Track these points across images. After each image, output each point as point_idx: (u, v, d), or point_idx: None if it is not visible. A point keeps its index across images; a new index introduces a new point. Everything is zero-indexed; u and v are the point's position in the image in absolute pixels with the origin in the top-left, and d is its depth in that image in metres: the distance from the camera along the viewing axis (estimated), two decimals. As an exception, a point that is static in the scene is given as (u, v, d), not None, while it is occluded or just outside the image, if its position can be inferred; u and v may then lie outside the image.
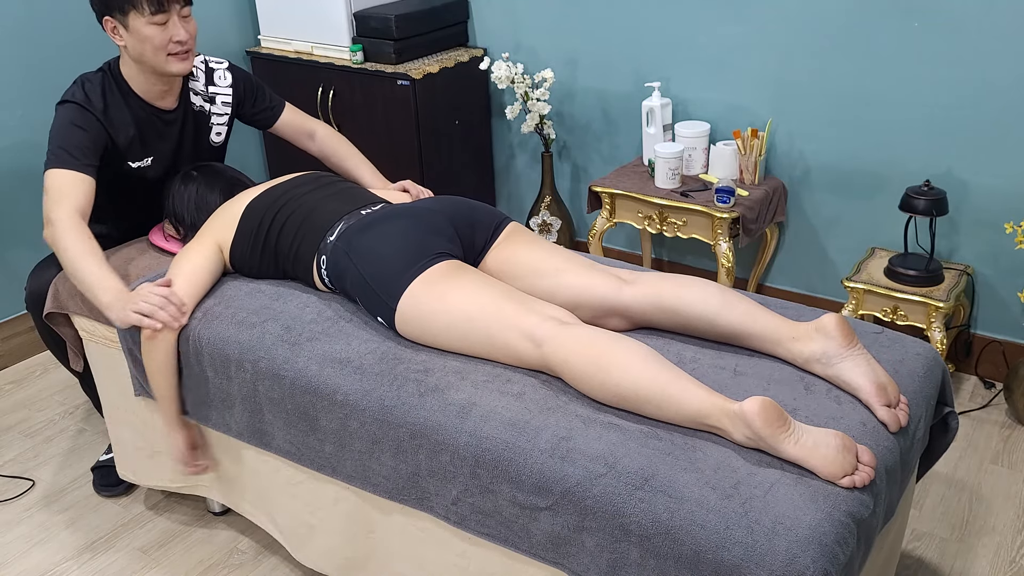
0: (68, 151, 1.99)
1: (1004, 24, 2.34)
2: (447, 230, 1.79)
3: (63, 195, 1.96)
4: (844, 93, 2.63)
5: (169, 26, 1.99)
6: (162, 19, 1.97)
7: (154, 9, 1.95)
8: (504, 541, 1.52)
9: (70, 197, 1.96)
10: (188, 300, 1.86)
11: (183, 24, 2.01)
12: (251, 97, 2.31)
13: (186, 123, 2.21)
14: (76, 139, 2.01)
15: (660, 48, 2.91)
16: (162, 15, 1.97)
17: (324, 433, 1.69)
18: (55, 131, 2.03)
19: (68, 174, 1.98)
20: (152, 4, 1.95)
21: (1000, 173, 2.48)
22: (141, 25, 1.97)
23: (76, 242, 1.91)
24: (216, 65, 2.26)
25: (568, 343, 1.54)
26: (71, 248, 1.91)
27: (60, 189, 1.97)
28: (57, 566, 2.15)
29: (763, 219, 2.72)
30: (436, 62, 3.11)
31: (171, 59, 2.02)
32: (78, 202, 1.97)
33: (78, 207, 1.96)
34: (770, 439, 1.36)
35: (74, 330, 2.16)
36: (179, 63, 2.04)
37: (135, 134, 2.11)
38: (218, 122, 2.28)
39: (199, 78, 2.22)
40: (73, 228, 1.93)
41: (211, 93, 2.24)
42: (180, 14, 2.00)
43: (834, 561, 1.26)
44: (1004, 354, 2.64)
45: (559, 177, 3.33)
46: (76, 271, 1.91)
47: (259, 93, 2.33)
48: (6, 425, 2.68)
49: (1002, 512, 2.19)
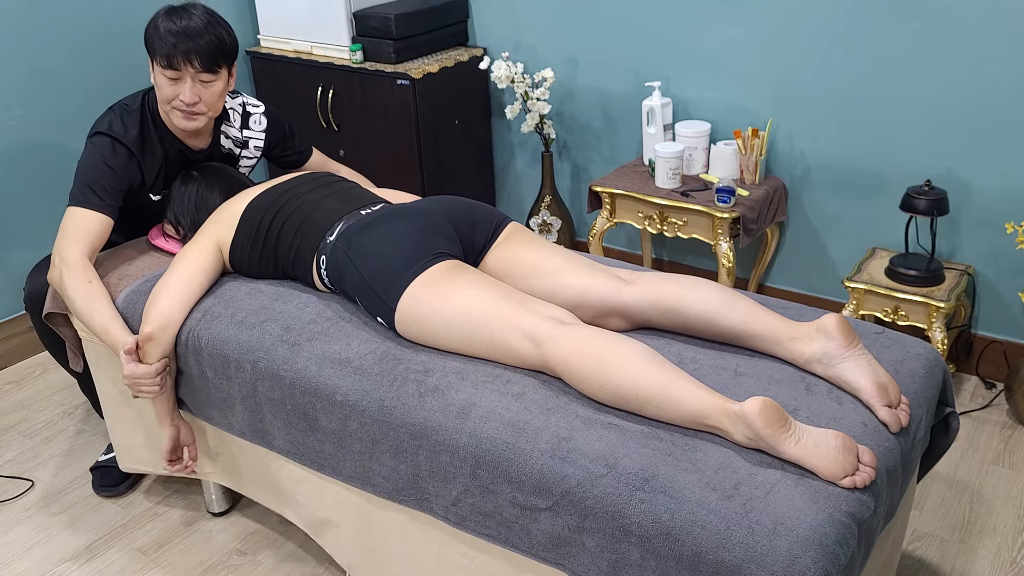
0: (94, 190, 1.98)
1: (1005, 24, 2.34)
2: (447, 230, 1.79)
3: (78, 237, 1.96)
4: (845, 93, 2.63)
5: (180, 84, 1.96)
6: (173, 75, 1.95)
7: (164, 64, 1.94)
8: (504, 542, 1.51)
9: (85, 240, 1.96)
10: (177, 311, 1.87)
11: (199, 87, 1.98)
12: (281, 142, 2.32)
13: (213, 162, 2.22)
14: (105, 178, 2.00)
15: (660, 48, 2.91)
16: (172, 71, 1.95)
17: (324, 433, 1.69)
18: (86, 164, 2.01)
19: (89, 215, 1.97)
20: (163, 59, 1.94)
21: (1001, 173, 2.47)
22: (157, 73, 1.97)
23: (82, 289, 1.92)
24: (253, 109, 2.25)
25: (568, 343, 1.53)
26: (78, 297, 1.92)
27: (77, 230, 1.96)
28: (56, 566, 2.14)
29: (764, 219, 2.71)
30: (436, 62, 3.10)
31: (175, 112, 2.01)
32: (92, 244, 1.97)
33: (90, 249, 1.97)
34: (771, 439, 1.36)
35: (73, 330, 2.16)
36: (184, 120, 2.02)
37: (162, 170, 2.11)
38: (245, 164, 2.29)
39: (234, 122, 2.21)
40: (81, 273, 1.93)
41: (245, 137, 2.24)
42: (198, 78, 1.97)
43: (835, 562, 1.26)
44: (1005, 354, 2.64)
45: (559, 177, 3.33)
46: (85, 318, 1.94)
47: (290, 139, 2.34)
48: (5, 425, 2.68)
49: (1003, 513, 2.18)
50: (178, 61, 1.93)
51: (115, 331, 1.89)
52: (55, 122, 2.94)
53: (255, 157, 2.29)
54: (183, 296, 1.88)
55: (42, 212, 2.96)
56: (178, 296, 1.87)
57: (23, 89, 2.85)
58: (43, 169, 2.94)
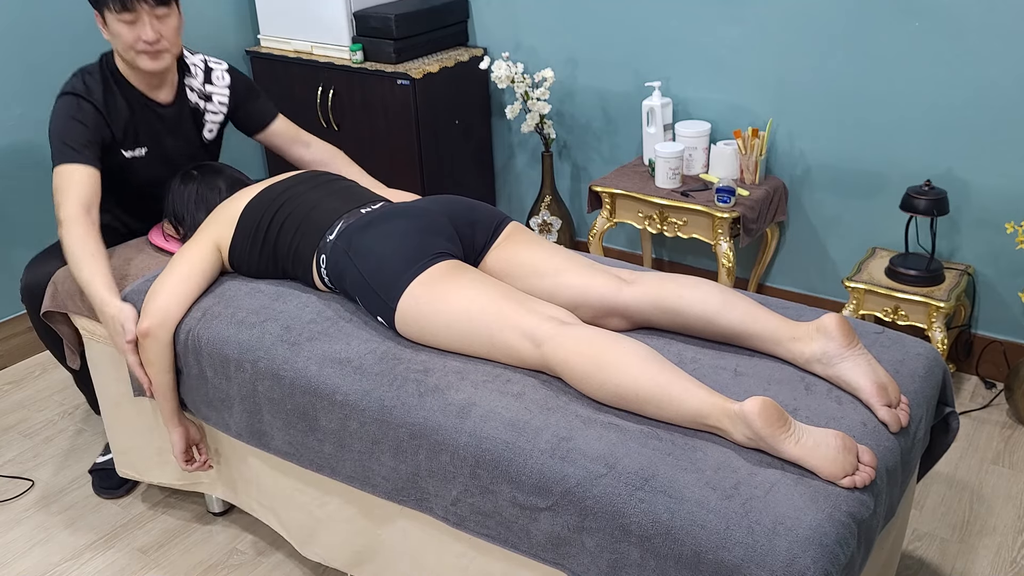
0: (70, 145, 2.00)
1: (1005, 24, 2.34)
2: (447, 229, 1.79)
3: (67, 190, 1.97)
4: (845, 93, 2.63)
5: (138, 25, 1.98)
6: (130, 18, 1.97)
7: (119, 8, 1.96)
8: (504, 542, 1.51)
9: (74, 191, 1.97)
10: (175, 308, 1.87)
11: (156, 23, 2.00)
12: (246, 101, 2.31)
13: (181, 118, 2.21)
14: (76, 132, 2.01)
15: (660, 48, 2.91)
16: (128, 14, 1.97)
17: (323, 433, 1.69)
18: (56, 125, 2.03)
19: (72, 168, 1.99)
20: (117, 3, 1.95)
21: (1001, 173, 2.47)
22: (113, 22, 1.98)
23: (78, 242, 1.93)
24: (215, 65, 2.26)
25: (568, 343, 1.53)
26: (74, 251, 1.93)
27: (64, 185, 1.98)
28: (57, 566, 2.14)
29: (764, 219, 2.71)
30: (436, 62, 3.10)
31: (141, 56, 2.03)
32: (83, 196, 1.97)
33: (83, 201, 1.97)
34: (770, 439, 1.36)
35: (72, 328, 2.16)
36: (150, 61, 2.04)
37: (130, 124, 2.12)
38: (211, 119, 2.28)
39: (197, 76, 2.22)
40: (77, 225, 1.94)
41: (208, 91, 2.24)
42: (153, 14, 1.99)
43: (835, 561, 1.26)
44: (1005, 354, 2.63)
45: (559, 177, 3.32)
46: (78, 276, 1.94)
47: (255, 98, 2.33)
48: (5, 425, 2.68)
49: (1003, 512, 2.18)
50: (132, 1, 1.95)
51: (97, 286, 1.90)
52: (55, 122, 2.94)
53: (220, 112, 2.28)
54: (181, 293, 1.88)
55: (42, 212, 2.96)
56: (176, 293, 1.87)
57: (22, 88, 2.85)
58: (43, 168, 2.93)
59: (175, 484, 2.16)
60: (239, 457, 1.96)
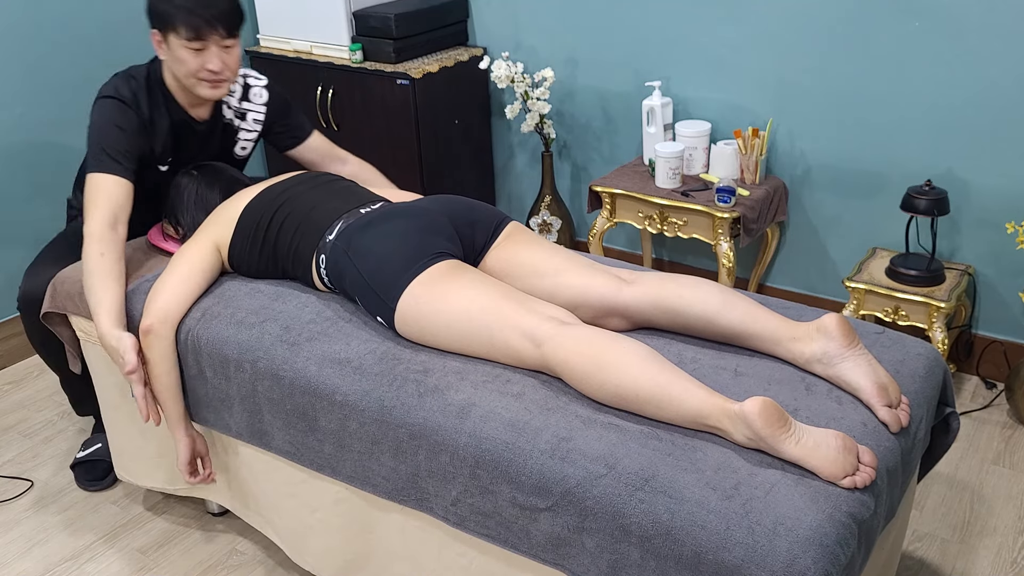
0: (109, 155, 1.96)
1: (1005, 24, 2.34)
2: (447, 229, 1.79)
3: (96, 203, 1.94)
4: (845, 93, 2.63)
5: (205, 54, 1.95)
6: (199, 46, 1.94)
7: (190, 36, 1.92)
8: (504, 542, 1.51)
9: (103, 205, 1.93)
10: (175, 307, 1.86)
11: (222, 54, 1.97)
12: (283, 118, 2.29)
13: (213, 135, 2.20)
14: (119, 142, 1.98)
15: (660, 47, 2.91)
16: (198, 42, 1.93)
17: (323, 433, 1.69)
18: (97, 129, 1.99)
19: (108, 180, 1.95)
20: (189, 31, 1.91)
21: (1001, 173, 2.47)
22: (178, 47, 1.95)
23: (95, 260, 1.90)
24: (255, 82, 2.24)
25: (568, 343, 1.53)
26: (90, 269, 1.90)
27: (97, 197, 1.94)
28: (56, 566, 2.14)
29: (764, 219, 2.71)
30: (436, 61, 3.10)
31: (202, 84, 2.00)
32: (111, 210, 1.94)
33: (110, 216, 1.93)
34: (770, 439, 1.35)
35: (71, 331, 2.15)
36: (210, 89, 2.01)
37: (168, 138, 2.10)
38: (245, 137, 2.27)
39: (235, 93, 2.20)
40: (98, 243, 1.91)
41: (244, 109, 2.22)
42: (221, 44, 1.96)
43: (835, 562, 1.26)
44: (1005, 354, 2.63)
45: (559, 177, 3.32)
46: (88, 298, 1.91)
47: (291, 115, 2.31)
48: (4, 426, 2.67)
49: (1003, 513, 2.18)
50: (204, 31, 1.92)
51: (101, 315, 1.87)
52: (55, 121, 2.94)
53: (254, 131, 2.26)
54: (182, 293, 1.87)
55: (42, 212, 2.96)
56: (176, 293, 1.87)
57: (23, 88, 2.85)
58: (43, 168, 2.94)
59: (168, 489, 2.16)
60: (235, 464, 1.95)
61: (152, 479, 2.16)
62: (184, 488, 2.12)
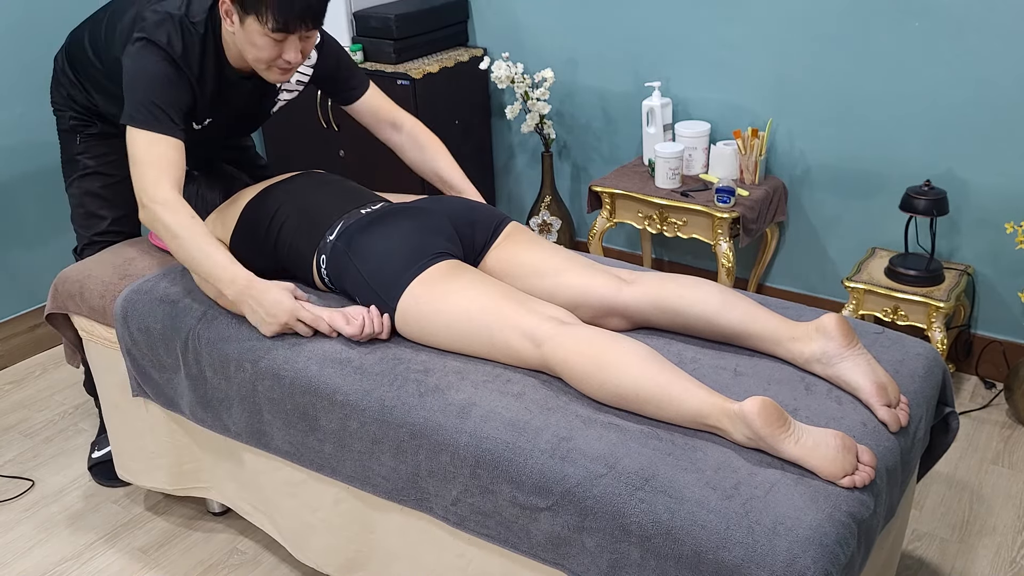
0: (164, 110, 1.78)
1: (1005, 24, 2.34)
2: (447, 229, 1.79)
3: (163, 168, 1.76)
4: (845, 93, 2.63)
5: (285, 44, 1.79)
6: (281, 37, 1.77)
7: (275, 27, 1.75)
8: (504, 542, 1.51)
9: (170, 171, 1.76)
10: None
11: (301, 44, 1.82)
12: (334, 74, 2.09)
13: (254, 91, 2.03)
14: (170, 97, 1.80)
15: (660, 48, 2.91)
16: (281, 34, 1.77)
17: (324, 433, 1.69)
18: (142, 77, 1.79)
19: (165, 141, 1.77)
20: (277, 23, 1.74)
21: (1001, 173, 2.47)
22: (256, 33, 1.77)
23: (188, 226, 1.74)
24: None
25: (568, 343, 1.53)
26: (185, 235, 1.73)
27: (159, 160, 1.76)
28: (57, 566, 2.14)
29: (763, 219, 2.71)
30: (436, 62, 3.11)
31: (273, 70, 1.84)
32: (177, 176, 1.77)
33: (177, 182, 1.77)
34: (770, 439, 1.36)
35: (74, 330, 2.16)
36: (279, 75, 1.86)
37: (211, 97, 1.92)
38: (284, 97, 2.11)
39: None
40: (181, 208, 1.74)
41: None
42: (302, 35, 1.80)
43: (835, 561, 1.26)
44: (1004, 354, 2.64)
45: (559, 177, 3.33)
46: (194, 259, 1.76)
47: (341, 74, 2.11)
48: (5, 425, 2.68)
49: (1003, 512, 2.18)
50: (293, 24, 1.75)
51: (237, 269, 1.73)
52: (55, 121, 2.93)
53: (295, 91, 2.10)
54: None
55: (43, 211, 2.96)
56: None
57: (23, 87, 2.85)
58: (44, 168, 2.94)
59: (168, 490, 2.15)
60: (234, 462, 1.96)
61: (152, 479, 2.16)
62: (183, 487, 2.12)
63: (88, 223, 2.23)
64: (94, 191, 2.20)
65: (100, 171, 2.18)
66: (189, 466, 2.08)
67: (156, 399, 1.99)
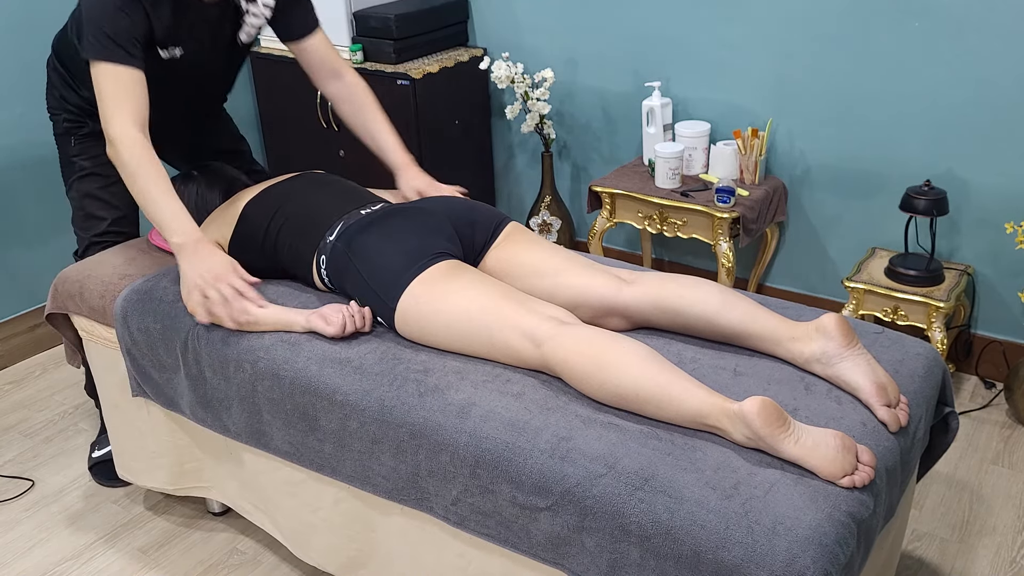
0: (116, 41, 1.76)
1: (1005, 24, 2.34)
2: (447, 230, 1.79)
3: (121, 102, 1.76)
4: (845, 93, 2.63)
5: None
6: None
7: None
8: (504, 542, 1.51)
9: (129, 104, 1.76)
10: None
11: None
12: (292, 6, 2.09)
13: (223, 17, 2.02)
14: (123, 26, 1.78)
15: (660, 48, 2.91)
16: None
17: (324, 433, 1.69)
18: (95, 13, 1.78)
19: (123, 72, 1.76)
20: None
21: (1001, 172, 2.47)
22: None
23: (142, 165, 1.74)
24: None
25: (568, 343, 1.53)
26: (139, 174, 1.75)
27: (114, 91, 1.76)
28: (57, 566, 2.15)
29: (763, 219, 2.71)
30: (436, 62, 3.11)
31: None
32: (138, 109, 1.77)
33: (138, 116, 1.77)
34: (770, 439, 1.36)
35: (74, 330, 2.16)
36: None
37: (171, 21, 1.90)
38: (252, 22, 2.08)
39: None
40: (136, 146, 1.75)
41: None
42: None
43: (834, 561, 1.26)
44: (1004, 354, 2.64)
45: (559, 177, 3.33)
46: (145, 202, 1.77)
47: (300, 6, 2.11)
48: (5, 425, 2.68)
49: (1003, 512, 2.18)
50: None
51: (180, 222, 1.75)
52: (55, 122, 2.94)
53: (262, 16, 2.08)
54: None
55: (43, 211, 2.96)
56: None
57: (23, 87, 2.85)
58: (44, 168, 2.94)
59: (168, 489, 2.15)
60: (235, 461, 1.96)
61: (153, 479, 2.16)
62: (183, 487, 2.13)
63: (87, 225, 2.23)
64: (92, 193, 2.20)
65: (97, 172, 2.19)
66: (190, 466, 2.08)
67: (156, 399, 1.99)
